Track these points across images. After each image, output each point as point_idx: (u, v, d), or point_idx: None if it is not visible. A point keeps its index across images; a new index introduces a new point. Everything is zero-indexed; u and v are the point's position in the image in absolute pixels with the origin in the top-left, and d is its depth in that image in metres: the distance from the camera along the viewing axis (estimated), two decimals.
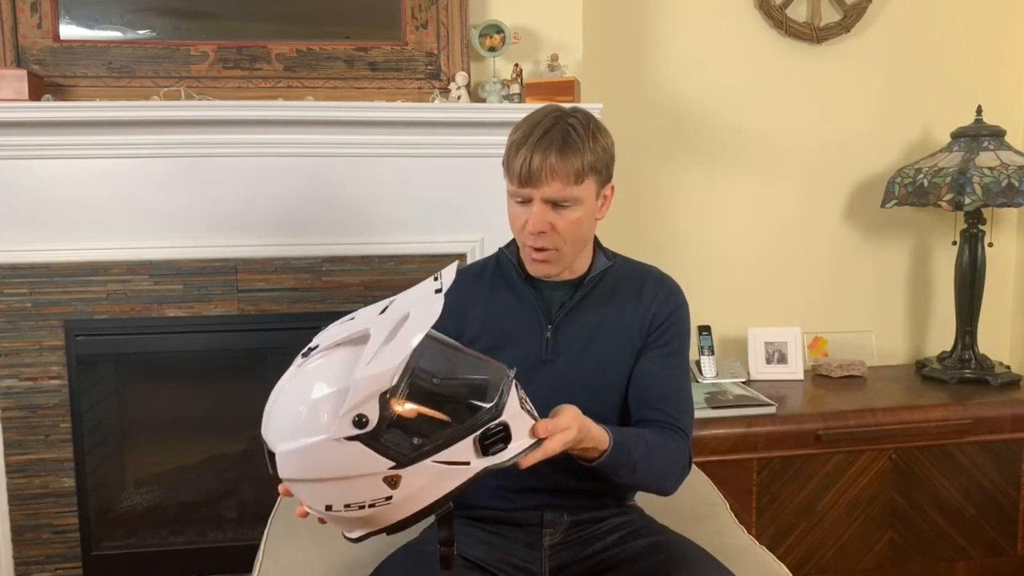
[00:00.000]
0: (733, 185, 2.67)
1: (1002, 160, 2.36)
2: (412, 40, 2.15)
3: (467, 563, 1.28)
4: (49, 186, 2.02)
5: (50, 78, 2.03)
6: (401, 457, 0.89)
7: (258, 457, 0.97)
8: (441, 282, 0.96)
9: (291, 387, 0.94)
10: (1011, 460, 2.33)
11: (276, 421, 0.94)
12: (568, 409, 1.09)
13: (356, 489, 0.91)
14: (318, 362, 0.93)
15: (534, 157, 1.20)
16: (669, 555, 1.22)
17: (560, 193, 1.22)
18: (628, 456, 1.19)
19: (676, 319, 1.36)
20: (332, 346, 0.93)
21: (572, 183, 1.22)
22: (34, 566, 2.12)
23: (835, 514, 2.27)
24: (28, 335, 2.06)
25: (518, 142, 1.23)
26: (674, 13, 2.57)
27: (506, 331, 1.34)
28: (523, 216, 1.26)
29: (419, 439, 0.90)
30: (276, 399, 0.95)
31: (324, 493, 0.93)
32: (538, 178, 1.21)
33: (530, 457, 1.00)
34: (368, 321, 0.93)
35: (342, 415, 0.87)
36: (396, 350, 0.88)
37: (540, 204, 1.23)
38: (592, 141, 1.24)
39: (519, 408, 0.99)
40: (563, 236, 1.25)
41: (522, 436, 0.99)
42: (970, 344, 2.55)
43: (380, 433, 0.88)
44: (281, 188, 2.10)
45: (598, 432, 1.14)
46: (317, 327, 1.02)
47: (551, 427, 1.03)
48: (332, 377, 0.90)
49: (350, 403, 0.87)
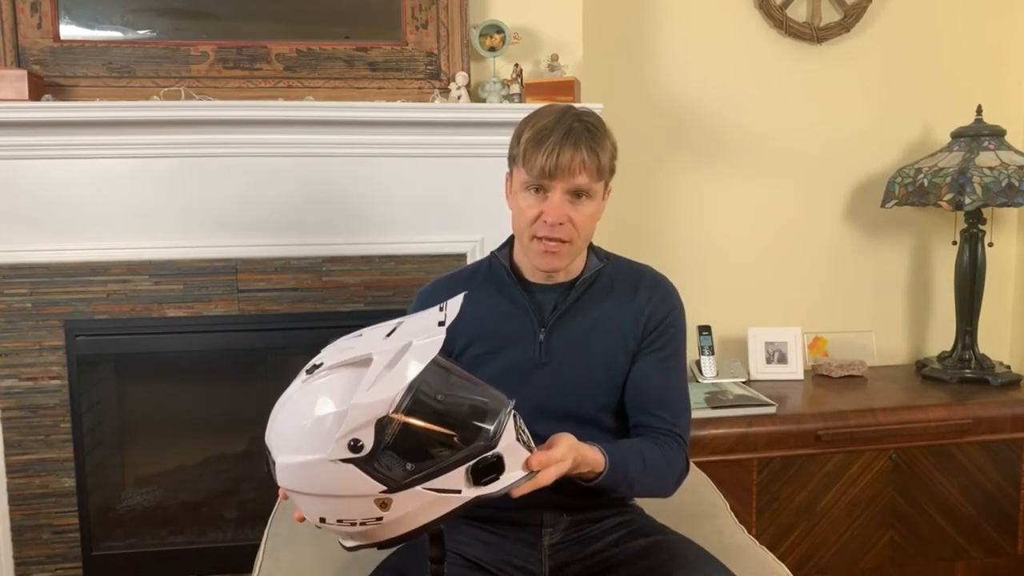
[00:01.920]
0: (733, 185, 2.67)
1: (1002, 160, 2.36)
2: (412, 40, 2.15)
3: (467, 563, 1.28)
4: (49, 186, 2.02)
5: (50, 78, 2.03)
6: (392, 483, 0.91)
7: (258, 457, 0.97)
8: (445, 314, 0.98)
9: (295, 401, 0.96)
10: (1011, 460, 2.33)
11: (278, 432, 0.96)
12: (563, 440, 1.10)
13: (348, 507, 0.93)
14: (322, 380, 0.94)
15: (563, 150, 1.21)
16: (669, 555, 1.22)
17: (586, 185, 1.24)
18: (624, 475, 1.20)
19: (672, 321, 1.36)
20: (337, 366, 0.94)
21: (596, 178, 1.25)
22: (34, 566, 2.12)
23: (835, 514, 2.27)
24: (28, 335, 2.06)
25: (538, 137, 1.23)
26: (674, 13, 2.57)
27: (499, 335, 1.33)
28: (536, 208, 1.25)
29: (412, 465, 0.92)
30: (280, 409, 0.97)
31: (319, 506, 0.95)
32: (567, 170, 1.22)
33: (522, 488, 1.01)
34: (372, 345, 0.95)
35: (338, 438, 0.89)
36: (395, 379, 0.90)
37: (560, 195, 1.24)
38: (608, 140, 1.27)
39: (515, 440, 1.00)
40: (578, 229, 1.27)
41: (516, 467, 1.00)
42: (970, 344, 2.55)
43: (374, 458, 0.90)
44: (281, 188, 2.10)
45: (594, 457, 1.15)
46: (317, 327, 1.03)
47: (545, 460, 1.04)
48: (333, 398, 0.91)
49: (347, 427, 0.89)
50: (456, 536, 1.30)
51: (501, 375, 1.14)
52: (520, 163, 1.26)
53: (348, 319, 2.16)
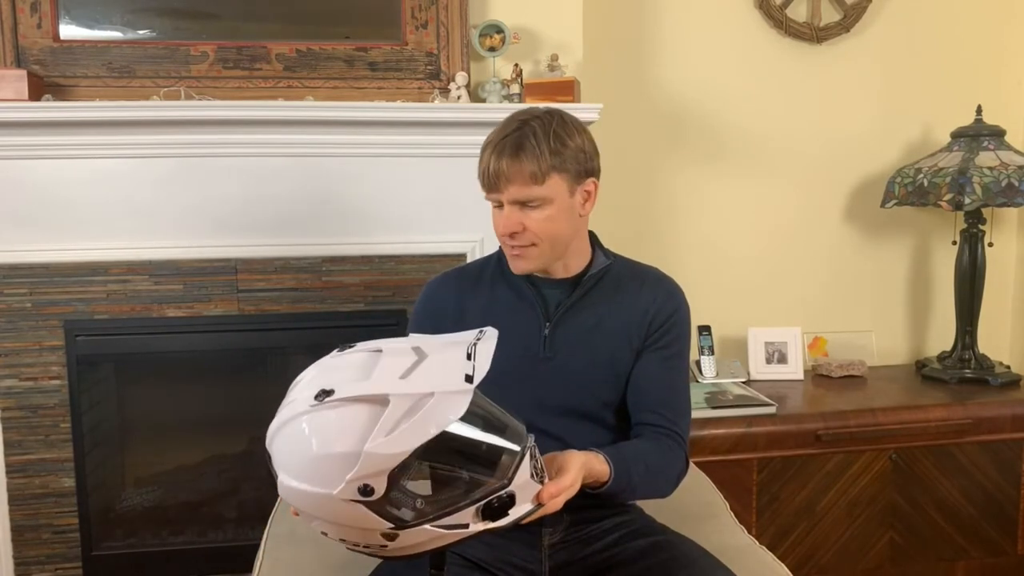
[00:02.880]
0: (733, 185, 2.67)
1: (1002, 160, 2.36)
2: (412, 40, 2.15)
3: (467, 563, 1.28)
4: (49, 186, 2.02)
5: (50, 78, 2.03)
6: (401, 523, 0.90)
7: (258, 457, 0.97)
8: (474, 371, 0.92)
9: (303, 425, 0.91)
10: (1011, 460, 2.33)
11: (283, 451, 0.93)
12: (572, 463, 1.09)
13: (354, 535, 0.92)
14: (334, 413, 0.89)
15: (491, 162, 1.24)
16: (669, 555, 1.22)
17: (522, 194, 1.24)
18: (628, 481, 1.21)
19: (676, 320, 1.36)
20: (351, 399, 0.89)
21: (531, 184, 1.23)
22: (34, 566, 2.12)
23: (835, 514, 2.27)
24: (28, 335, 2.06)
25: (482, 150, 1.27)
26: (674, 13, 2.57)
27: (505, 328, 1.33)
28: (498, 218, 1.28)
29: (423, 503, 0.90)
30: (285, 425, 0.93)
31: (322, 526, 0.94)
32: (496, 182, 1.24)
33: (531, 516, 1.00)
34: (389, 383, 0.90)
35: (348, 480, 0.87)
36: (413, 433, 0.86)
37: (508, 206, 1.26)
38: (554, 141, 1.23)
39: (528, 477, 0.97)
40: (537, 234, 1.27)
41: (526, 500, 0.99)
42: (970, 344, 2.55)
43: (385, 501, 0.88)
44: (281, 188, 2.10)
45: (599, 469, 1.16)
46: (317, 327, 1.02)
47: (555, 491, 1.03)
48: (345, 436, 0.87)
49: (359, 472, 0.86)
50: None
51: (505, 368, 1.14)
52: None
53: (348, 319, 2.16)
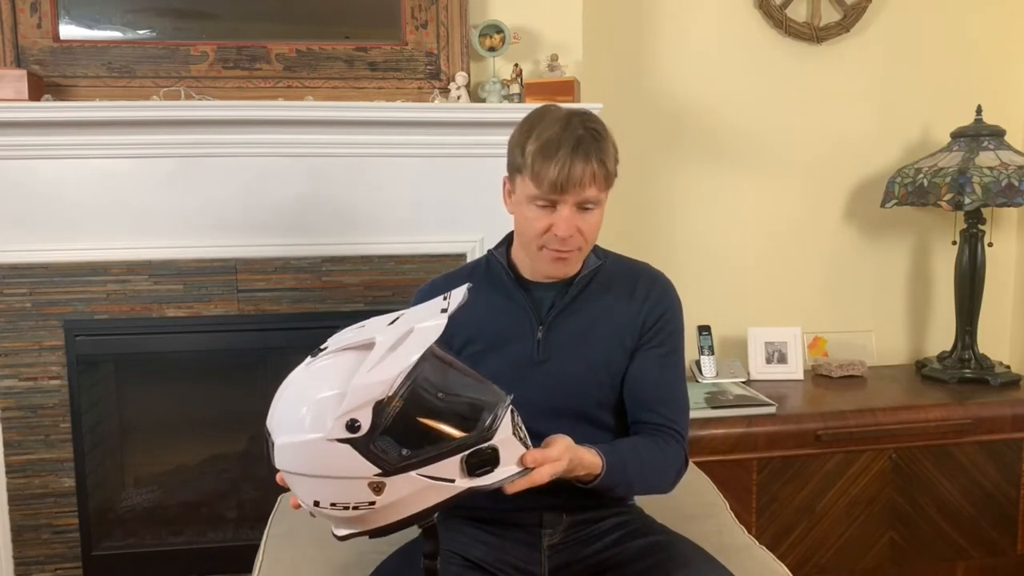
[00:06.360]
0: (733, 185, 2.66)
1: (1002, 160, 2.36)
2: (412, 40, 2.15)
3: (467, 563, 1.28)
4: (49, 186, 2.02)
5: (50, 78, 2.03)
6: (387, 465, 0.92)
7: (258, 457, 0.98)
8: (448, 303, 0.99)
9: (297, 383, 0.98)
10: (1011, 460, 2.33)
11: (279, 413, 0.98)
12: (560, 440, 1.11)
13: (343, 490, 0.95)
14: (325, 363, 0.97)
15: (574, 164, 1.19)
16: (668, 555, 1.22)
17: (592, 197, 1.23)
18: (623, 475, 1.21)
19: (669, 318, 1.36)
20: (340, 349, 0.97)
21: (604, 187, 1.25)
22: (34, 566, 2.12)
23: (835, 514, 2.27)
24: (28, 335, 2.06)
25: (546, 150, 1.20)
26: (674, 13, 2.57)
27: (498, 333, 1.34)
28: (545, 220, 1.24)
29: (408, 450, 0.93)
30: (283, 392, 0.99)
31: (314, 489, 0.96)
32: (578, 184, 1.21)
33: (516, 484, 1.03)
34: (376, 330, 0.97)
35: (337, 418, 0.91)
36: (395, 362, 0.92)
37: (570, 209, 1.23)
38: (611, 144, 1.25)
39: (511, 435, 1.01)
40: (586, 237, 1.27)
41: (511, 462, 1.02)
42: (970, 344, 2.55)
43: (371, 440, 0.91)
44: (281, 188, 2.10)
45: (591, 460, 1.16)
46: (317, 327, 1.04)
47: (540, 457, 1.05)
48: (334, 380, 0.93)
49: (345, 407, 0.91)
50: (456, 537, 1.30)
51: (500, 372, 1.14)
52: (527, 175, 1.23)
53: (348, 319, 2.13)
